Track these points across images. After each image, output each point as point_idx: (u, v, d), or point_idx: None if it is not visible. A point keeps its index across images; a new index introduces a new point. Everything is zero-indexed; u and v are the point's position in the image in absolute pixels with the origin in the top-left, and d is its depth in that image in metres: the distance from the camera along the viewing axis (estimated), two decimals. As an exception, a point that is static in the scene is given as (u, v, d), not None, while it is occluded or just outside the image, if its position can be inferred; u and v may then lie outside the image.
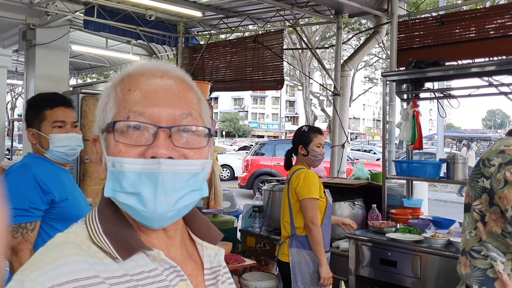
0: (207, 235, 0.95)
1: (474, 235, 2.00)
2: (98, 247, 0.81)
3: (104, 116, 0.85)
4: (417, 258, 3.63)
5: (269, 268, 5.03)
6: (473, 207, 2.00)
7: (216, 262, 0.93)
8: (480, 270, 1.96)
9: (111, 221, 0.83)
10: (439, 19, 5.44)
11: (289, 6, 6.23)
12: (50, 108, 2.23)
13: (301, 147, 3.50)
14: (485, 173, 1.94)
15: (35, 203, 2.07)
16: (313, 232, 3.30)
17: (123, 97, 0.84)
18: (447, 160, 4.14)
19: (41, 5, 7.01)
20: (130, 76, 0.86)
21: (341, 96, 6.44)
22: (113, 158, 0.81)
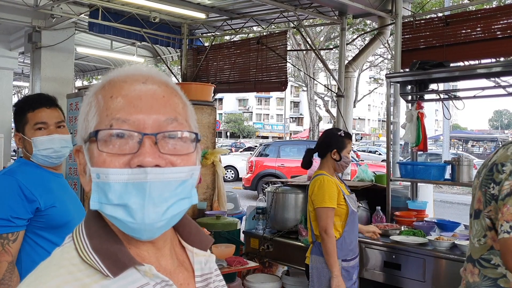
0: (198, 241, 0.93)
1: (483, 243, 1.94)
2: (87, 265, 0.78)
3: (86, 126, 0.82)
4: (422, 261, 3.62)
5: (272, 270, 5.02)
6: (484, 214, 1.93)
7: (207, 269, 0.92)
8: (491, 280, 1.90)
9: (99, 236, 0.80)
10: (444, 19, 5.42)
11: (293, 8, 6.22)
12: (31, 110, 2.12)
13: (335, 152, 3.37)
14: (496, 179, 1.88)
15: (18, 212, 1.97)
16: (325, 242, 3.22)
17: (105, 104, 0.80)
18: (452, 162, 4.12)
19: (46, 7, 7.04)
20: (111, 82, 0.83)
21: (345, 97, 6.43)
22: (97, 169, 0.77)
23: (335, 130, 3.53)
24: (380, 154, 25.07)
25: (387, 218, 4.37)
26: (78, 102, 4.61)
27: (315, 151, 3.54)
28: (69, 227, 2.11)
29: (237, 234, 4.51)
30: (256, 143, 31.75)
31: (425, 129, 4.31)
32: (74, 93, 5.08)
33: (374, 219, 4.34)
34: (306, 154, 3.61)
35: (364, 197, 4.49)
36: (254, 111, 63.17)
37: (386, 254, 3.83)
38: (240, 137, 53.33)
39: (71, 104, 4.65)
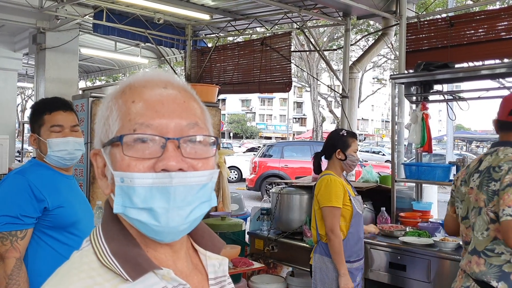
0: (210, 245, 0.94)
1: (486, 236, 2.19)
2: (107, 268, 0.79)
3: (106, 130, 0.83)
4: (427, 262, 3.62)
5: (277, 271, 5.03)
6: (486, 210, 2.20)
7: (221, 272, 0.93)
8: (496, 267, 2.16)
9: (118, 239, 0.81)
10: (448, 20, 5.41)
11: (297, 9, 6.22)
12: (48, 113, 2.21)
13: (339, 152, 3.39)
14: (496, 177, 2.17)
15: (27, 210, 2.04)
16: (332, 241, 3.23)
17: (127, 109, 0.81)
18: (457, 163, 4.12)
19: (51, 9, 7.07)
20: (131, 87, 0.84)
21: (350, 98, 6.43)
22: (121, 173, 0.78)
23: (338, 131, 3.56)
24: (384, 154, 25.03)
25: (392, 219, 4.37)
26: (84, 103, 4.64)
27: (322, 154, 3.56)
28: (76, 227, 2.19)
29: (242, 235, 4.51)
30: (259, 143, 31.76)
31: (430, 130, 4.31)
32: (79, 94, 5.10)
33: (379, 220, 4.35)
34: (315, 159, 3.62)
35: (368, 198, 4.50)
36: (257, 112, 63.17)
37: (391, 255, 3.84)
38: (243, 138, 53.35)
39: (77, 105, 4.67)
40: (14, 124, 11.24)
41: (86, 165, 4.54)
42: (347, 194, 3.34)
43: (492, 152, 2.33)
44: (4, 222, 2.00)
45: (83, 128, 4.57)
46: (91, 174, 4.53)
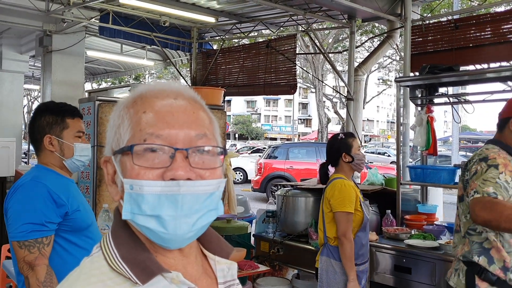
0: (219, 250, 0.95)
1: (469, 218, 2.41)
2: (117, 273, 0.81)
3: (118, 138, 0.85)
4: (432, 265, 3.62)
5: (282, 273, 5.04)
6: (465, 197, 2.45)
7: (230, 276, 0.94)
8: (477, 243, 2.38)
9: (127, 245, 0.84)
10: (453, 23, 5.41)
11: (302, 12, 6.23)
12: (72, 118, 2.24)
13: (345, 155, 3.40)
14: (468, 168, 2.44)
15: (50, 217, 2.04)
16: (344, 246, 3.23)
17: (138, 119, 0.84)
18: (462, 166, 4.10)
19: (57, 12, 7.11)
20: (143, 97, 0.86)
21: (355, 100, 6.43)
22: (131, 180, 0.81)
23: (336, 136, 3.57)
24: (389, 155, 24.95)
25: (397, 221, 4.37)
26: (91, 106, 4.67)
27: (328, 163, 3.57)
28: (90, 231, 2.22)
29: (247, 238, 4.53)
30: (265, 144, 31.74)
31: (435, 133, 4.31)
32: (86, 98, 5.15)
33: (384, 222, 4.34)
34: (321, 169, 3.63)
35: (374, 201, 4.49)
36: (262, 113, 63.16)
37: (396, 258, 3.84)
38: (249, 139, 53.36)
39: (83, 109, 4.71)
40: (21, 125, 11.32)
41: (93, 168, 4.58)
42: (358, 199, 3.36)
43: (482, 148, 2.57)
44: (29, 230, 1.99)
45: (90, 131, 4.61)
46: (97, 177, 4.57)
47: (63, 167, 2.26)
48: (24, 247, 1.99)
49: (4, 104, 10.66)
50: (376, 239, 4.00)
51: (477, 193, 2.26)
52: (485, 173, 2.30)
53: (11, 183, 5.75)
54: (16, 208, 2.06)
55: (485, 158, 2.37)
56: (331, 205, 3.33)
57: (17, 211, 2.05)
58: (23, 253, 1.99)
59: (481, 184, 2.27)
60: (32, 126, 2.26)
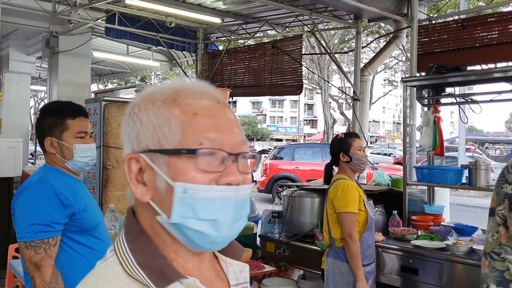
0: (231, 251, 0.94)
1: (495, 238, 2.13)
2: (133, 279, 0.80)
3: (159, 138, 0.82)
4: (439, 266, 3.60)
5: (288, 274, 5.03)
6: (497, 211, 2.12)
7: (242, 279, 0.93)
8: (498, 271, 2.08)
9: (143, 250, 0.82)
10: (460, 23, 5.38)
11: (308, 12, 6.23)
12: (72, 118, 2.21)
13: (343, 155, 3.40)
14: (509, 179, 2.07)
15: (57, 217, 2.05)
16: (350, 247, 3.22)
17: (189, 121, 0.82)
18: (469, 166, 4.09)
19: (64, 13, 7.15)
20: (183, 97, 0.84)
21: (361, 101, 6.42)
22: (185, 184, 0.80)
23: (336, 135, 3.59)
24: (395, 156, 24.89)
25: (404, 222, 4.35)
26: (97, 107, 4.68)
27: (332, 163, 3.58)
28: (97, 230, 2.21)
29: (253, 238, 4.53)
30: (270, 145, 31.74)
31: (442, 133, 4.29)
32: (92, 98, 5.16)
33: (390, 223, 4.33)
34: (326, 169, 3.63)
35: (380, 201, 4.48)
36: (268, 114, 63.17)
37: (403, 259, 3.83)
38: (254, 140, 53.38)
39: (89, 109, 4.72)
40: (28, 126, 11.37)
41: (99, 168, 4.59)
42: (361, 199, 3.35)
43: None
44: (36, 231, 2.00)
45: (96, 132, 4.63)
46: (104, 177, 4.58)
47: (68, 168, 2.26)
48: (31, 247, 1.99)
49: (11, 105, 10.72)
50: (382, 239, 3.99)
51: None
52: None
53: (18, 183, 5.78)
54: (23, 209, 2.07)
55: None
56: (335, 206, 3.32)
57: (24, 211, 2.06)
58: (30, 254, 1.99)
59: None
60: (37, 128, 2.27)
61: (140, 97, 0.88)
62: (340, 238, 3.34)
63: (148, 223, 0.85)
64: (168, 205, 0.81)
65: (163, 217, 0.81)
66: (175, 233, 0.82)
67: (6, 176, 5.93)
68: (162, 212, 0.81)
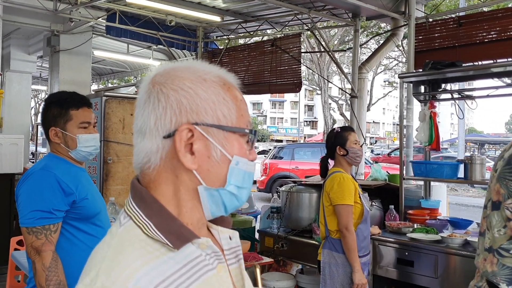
0: (220, 220, 1.02)
1: (503, 233, 1.98)
2: (154, 240, 0.88)
3: (218, 115, 0.91)
4: (434, 258, 3.65)
5: (287, 269, 5.08)
6: (505, 205, 1.97)
7: (234, 243, 1.01)
8: (509, 268, 1.94)
9: (160, 216, 0.89)
10: (457, 20, 5.44)
11: (307, 10, 6.28)
12: (75, 109, 2.26)
13: (339, 148, 3.47)
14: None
15: (58, 205, 2.11)
16: (346, 239, 3.29)
17: (239, 105, 0.95)
18: (465, 161, 4.14)
19: (65, 12, 7.20)
20: (227, 83, 0.95)
21: (359, 98, 6.48)
22: (238, 157, 0.93)
23: (332, 130, 3.65)
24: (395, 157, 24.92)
25: (400, 216, 4.40)
26: (98, 102, 4.74)
27: (327, 157, 3.64)
28: (98, 218, 2.27)
29: (252, 232, 4.59)
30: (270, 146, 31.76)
31: (437, 129, 4.34)
32: (93, 94, 5.22)
33: (387, 217, 4.38)
34: (321, 162, 3.69)
35: (377, 196, 4.54)
36: (268, 115, 63.20)
37: (399, 251, 3.88)
38: (254, 141, 53.33)
39: (91, 104, 4.79)
40: (28, 126, 11.42)
41: (100, 163, 4.64)
42: (357, 191, 3.41)
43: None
44: (37, 217, 2.06)
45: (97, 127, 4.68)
46: (104, 171, 4.63)
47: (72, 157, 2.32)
48: (32, 233, 2.06)
49: (12, 104, 10.77)
50: (378, 233, 4.04)
51: None
52: None
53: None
54: (26, 195, 2.13)
55: None
56: (331, 199, 3.38)
57: (26, 198, 2.12)
58: (31, 239, 2.06)
59: None
60: (42, 118, 2.33)
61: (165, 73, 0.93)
62: (336, 230, 3.40)
63: (170, 190, 0.91)
64: (218, 174, 0.91)
65: (204, 185, 0.91)
66: (207, 199, 0.92)
67: (7, 172, 5.98)
68: (204, 181, 0.90)
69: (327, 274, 3.43)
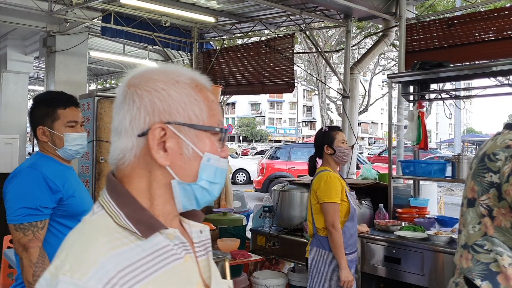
0: (192, 215, 1.08)
1: (477, 230, 2.01)
2: (123, 228, 0.93)
3: (190, 115, 0.97)
4: (421, 255, 3.70)
5: (279, 267, 5.12)
6: (479, 202, 2.01)
7: (204, 237, 1.07)
8: (483, 264, 1.97)
9: (130, 206, 0.95)
10: (447, 21, 5.49)
11: (298, 11, 6.33)
12: (63, 108, 2.31)
13: (327, 147, 3.53)
14: (492, 167, 1.95)
15: (45, 202, 2.16)
16: (333, 236, 3.35)
17: (210, 105, 1.01)
18: (453, 160, 4.20)
19: (60, 12, 7.24)
20: (199, 85, 1.01)
21: (351, 98, 6.53)
22: (210, 154, 0.99)
23: (320, 129, 3.71)
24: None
25: (390, 215, 4.45)
26: (90, 102, 4.79)
27: (315, 156, 3.70)
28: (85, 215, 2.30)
29: (242, 230, 4.63)
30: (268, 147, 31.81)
31: (425, 128, 4.40)
32: (86, 94, 5.26)
33: (377, 216, 4.43)
34: (310, 162, 3.75)
35: (367, 195, 4.58)
36: (266, 115, 63.24)
37: (386, 249, 3.93)
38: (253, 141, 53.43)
39: (83, 104, 4.83)
40: (25, 127, 11.44)
41: (92, 162, 4.68)
42: (344, 190, 3.47)
43: (494, 136, 2.11)
44: (24, 214, 2.11)
45: (89, 126, 4.73)
46: (96, 171, 4.68)
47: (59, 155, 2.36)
48: (20, 229, 2.11)
49: (9, 104, 10.81)
50: (367, 230, 4.09)
51: None
52: None
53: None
54: (13, 193, 2.18)
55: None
56: (318, 197, 3.44)
57: (14, 196, 2.17)
58: (18, 236, 2.11)
59: None
60: (30, 117, 2.37)
61: (140, 76, 1.00)
62: (323, 228, 3.46)
63: (143, 184, 0.97)
64: (190, 170, 0.97)
65: (177, 180, 0.97)
66: (180, 193, 0.98)
67: (2, 172, 6.02)
68: (177, 176, 0.96)
69: (315, 271, 3.49)
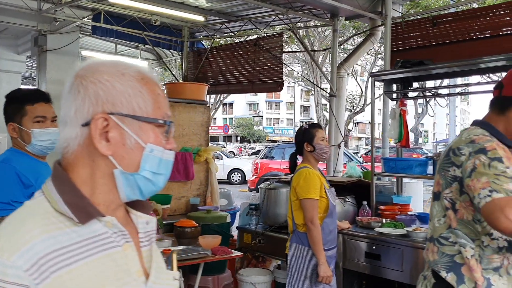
0: (140, 206, 1.12)
1: (442, 223, 2.08)
2: (60, 213, 0.96)
3: (133, 107, 1.00)
4: (400, 251, 3.74)
5: (266, 265, 5.15)
6: (444, 195, 2.06)
7: (150, 228, 1.11)
8: (448, 256, 2.03)
9: (71, 193, 0.98)
10: (432, 20, 5.53)
11: (285, 10, 6.36)
12: (31, 104, 2.34)
13: (307, 144, 3.58)
14: (456, 162, 2.00)
15: (17, 196, 2.18)
16: (312, 232, 3.39)
17: (156, 97, 1.03)
18: (434, 158, 4.24)
19: (49, 11, 7.24)
20: (145, 78, 1.04)
21: (337, 97, 6.57)
22: (152, 145, 1.01)
23: (301, 127, 3.76)
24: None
25: (372, 212, 4.49)
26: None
27: (296, 153, 3.74)
28: None
29: (226, 227, 4.67)
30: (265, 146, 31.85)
31: (407, 126, 4.44)
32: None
33: (360, 213, 4.47)
34: (290, 159, 3.80)
35: (351, 193, 4.62)
36: (264, 116, 63.25)
37: (367, 245, 3.97)
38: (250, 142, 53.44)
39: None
40: (18, 126, 11.44)
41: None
42: (323, 186, 3.51)
43: (461, 131, 2.15)
44: None
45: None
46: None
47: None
48: None
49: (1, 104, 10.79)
50: (348, 227, 4.13)
51: (497, 192, 1.78)
52: (491, 168, 1.85)
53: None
54: None
55: (482, 150, 1.92)
56: (297, 193, 3.48)
57: None
58: None
59: (496, 181, 1.81)
60: (3, 113, 2.42)
61: (88, 67, 1.04)
62: (302, 224, 3.49)
63: (86, 173, 1.00)
64: (133, 160, 1.00)
65: (120, 169, 0.99)
66: (122, 182, 1.00)
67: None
68: (119, 166, 0.99)
69: (294, 267, 3.52)
